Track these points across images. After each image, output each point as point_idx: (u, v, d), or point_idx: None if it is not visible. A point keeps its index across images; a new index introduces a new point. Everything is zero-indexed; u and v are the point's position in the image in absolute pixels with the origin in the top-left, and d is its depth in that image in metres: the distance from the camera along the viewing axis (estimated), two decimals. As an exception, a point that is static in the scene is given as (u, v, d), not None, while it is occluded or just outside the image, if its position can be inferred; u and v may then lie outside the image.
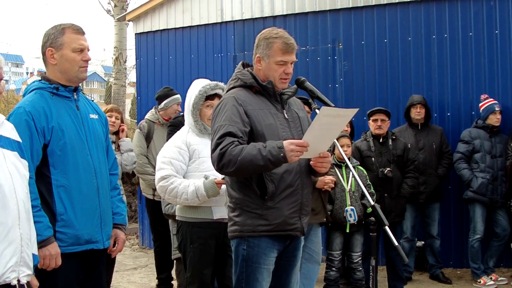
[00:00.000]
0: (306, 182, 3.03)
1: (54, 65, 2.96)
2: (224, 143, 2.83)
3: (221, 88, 3.79)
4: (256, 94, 3.04)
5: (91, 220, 2.95)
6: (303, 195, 3.00)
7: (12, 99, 13.87)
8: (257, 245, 2.94)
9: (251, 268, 2.95)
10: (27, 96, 2.95)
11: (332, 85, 7.42)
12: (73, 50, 2.94)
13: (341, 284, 5.76)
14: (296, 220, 2.98)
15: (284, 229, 2.95)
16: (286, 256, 3.09)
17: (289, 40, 3.01)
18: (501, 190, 6.18)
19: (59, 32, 2.95)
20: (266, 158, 2.74)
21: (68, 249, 2.86)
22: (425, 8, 7.02)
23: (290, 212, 2.95)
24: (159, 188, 3.76)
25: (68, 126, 2.92)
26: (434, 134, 6.47)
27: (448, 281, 6.35)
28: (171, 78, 8.30)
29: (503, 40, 6.67)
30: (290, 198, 2.95)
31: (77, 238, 2.90)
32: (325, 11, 7.47)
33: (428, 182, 6.30)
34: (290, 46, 2.99)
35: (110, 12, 16.15)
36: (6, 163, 2.40)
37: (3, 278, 2.31)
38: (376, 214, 2.83)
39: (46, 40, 2.97)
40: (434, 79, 6.98)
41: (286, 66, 3.01)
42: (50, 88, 2.93)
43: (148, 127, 5.95)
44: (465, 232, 6.59)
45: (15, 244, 2.36)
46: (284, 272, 3.10)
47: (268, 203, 2.91)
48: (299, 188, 2.97)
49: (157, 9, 8.48)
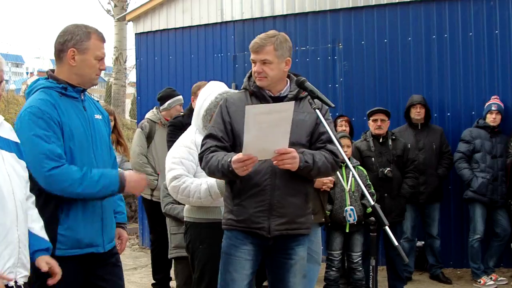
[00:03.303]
0: (281, 184, 3.02)
1: (72, 66, 2.85)
2: (204, 147, 3.09)
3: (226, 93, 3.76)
4: (251, 96, 3.15)
5: (92, 224, 2.90)
6: (274, 196, 3.01)
7: (12, 99, 13.85)
8: (229, 236, 3.12)
9: (224, 258, 3.12)
10: (35, 95, 2.83)
11: (332, 85, 7.42)
12: (96, 57, 2.87)
13: (341, 284, 5.76)
14: (263, 220, 3.01)
15: (249, 226, 3.03)
16: (278, 253, 3.10)
17: (254, 40, 3.11)
18: (501, 190, 6.18)
19: (85, 35, 2.85)
20: (221, 172, 2.95)
21: (67, 252, 2.81)
22: (425, 8, 7.02)
23: (255, 211, 3.01)
24: (171, 189, 3.72)
25: (77, 127, 2.85)
26: (434, 134, 6.47)
27: (448, 281, 6.35)
28: (171, 78, 8.30)
29: (503, 40, 6.67)
30: (256, 197, 3.01)
31: (78, 241, 2.85)
32: (325, 11, 7.46)
33: (428, 182, 6.30)
34: (253, 45, 3.09)
35: (110, 12, 16.18)
36: (4, 164, 2.39)
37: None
38: (376, 214, 2.82)
39: (69, 39, 2.84)
40: (434, 79, 6.98)
41: (255, 65, 3.10)
42: (58, 87, 2.84)
43: (150, 127, 5.95)
44: (465, 232, 6.59)
45: (12, 245, 2.35)
46: (280, 269, 3.10)
47: (235, 199, 3.07)
48: (268, 189, 3.00)
49: (157, 9, 8.48)
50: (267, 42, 3.07)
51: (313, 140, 3.10)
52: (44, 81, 2.87)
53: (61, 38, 2.87)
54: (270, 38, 3.09)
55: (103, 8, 16.54)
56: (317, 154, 3.01)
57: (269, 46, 3.06)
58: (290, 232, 3.06)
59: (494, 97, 6.43)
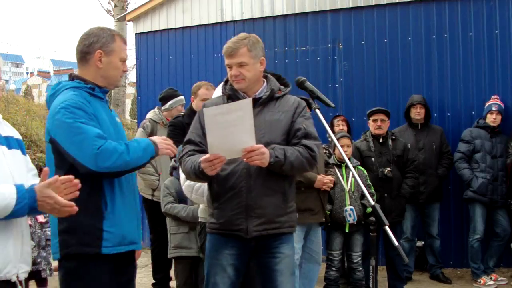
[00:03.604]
0: (256, 185, 3.02)
1: (99, 68, 2.86)
2: (183, 152, 3.16)
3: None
4: (228, 100, 3.15)
5: (132, 220, 2.88)
6: (250, 197, 3.01)
7: (12, 99, 13.87)
8: (210, 240, 3.16)
9: (207, 262, 3.16)
10: (64, 93, 2.79)
11: (332, 85, 7.42)
12: (120, 59, 2.90)
13: (341, 284, 5.76)
14: (241, 222, 3.02)
15: (229, 228, 3.05)
16: (262, 253, 3.10)
17: (226, 45, 3.17)
18: (501, 190, 6.18)
19: (110, 38, 2.87)
20: (194, 173, 3.01)
21: (113, 250, 2.74)
22: (425, 8, 7.03)
23: (233, 214, 3.03)
24: (185, 188, 3.73)
25: (107, 126, 2.85)
26: (434, 134, 6.47)
27: (448, 281, 6.35)
28: (171, 78, 8.31)
29: (503, 40, 6.67)
30: (233, 200, 3.02)
31: (123, 238, 2.79)
32: (325, 11, 7.47)
33: (428, 182, 6.31)
34: (227, 50, 3.14)
35: (110, 12, 16.18)
36: (6, 159, 2.42)
37: (3, 273, 2.33)
38: (376, 214, 2.83)
39: (95, 41, 2.86)
40: (434, 79, 6.98)
41: (231, 69, 3.12)
42: (86, 87, 2.83)
43: (151, 127, 5.96)
44: (465, 232, 6.59)
45: (17, 240, 2.38)
46: (266, 269, 3.10)
47: (215, 203, 3.10)
48: (243, 191, 3.01)
49: (157, 9, 8.48)
50: (240, 44, 3.11)
51: (289, 138, 3.09)
52: (70, 82, 2.86)
53: (86, 41, 2.87)
54: (242, 41, 3.13)
55: (103, 8, 16.56)
56: (289, 149, 2.99)
57: (242, 48, 3.10)
58: (270, 232, 3.05)
59: (494, 97, 6.44)
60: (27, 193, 2.30)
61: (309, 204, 4.77)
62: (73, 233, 2.70)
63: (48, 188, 2.33)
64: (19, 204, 2.28)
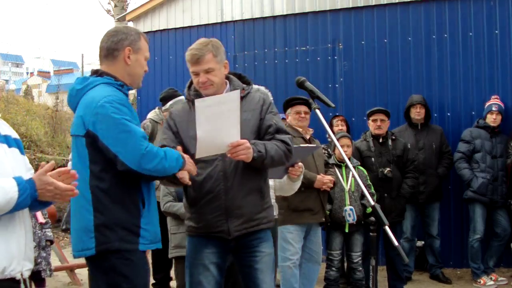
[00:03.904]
0: (233, 186, 3.04)
1: (127, 65, 2.86)
2: None
3: (262, 93, 3.74)
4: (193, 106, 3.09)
5: (157, 218, 2.91)
6: (228, 199, 3.03)
7: (12, 99, 13.87)
8: (191, 241, 3.19)
9: (188, 262, 3.18)
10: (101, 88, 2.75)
11: (332, 85, 7.43)
12: (145, 58, 2.93)
13: (341, 284, 5.76)
14: (222, 224, 3.04)
15: (209, 231, 3.07)
16: (242, 252, 3.13)
17: (190, 52, 3.11)
18: (502, 190, 6.18)
19: (137, 36, 2.90)
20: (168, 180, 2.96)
21: (148, 247, 2.78)
22: (425, 8, 7.03)
23: (213, 217, 3.04)
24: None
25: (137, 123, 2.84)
26: (434, 134, 6.47)
27: (448, 281, 6.35)
28: (171, 78, 8.31)
29: (503, 40, 6.68)
30: (212, 203, 3.04)
31: (155, 235, 2.83)
32: (325, 11, 7.48)
33: (428, 182, 6.31)
34: (192, 57, 3.10)
35: (110, 12, 16.17)
36: (7, 158, 2.43)
37: (8, 271, 2.33)
38: (376, 214, 2.83)
39: (123, 38, 2.85)
40: (434, 79, 6.98)
41: (197, 76, 3.10)
42: (116, 84, 2.81)
43: (152, 127, 5.95)
44: (465, 232, 6.59)
45: (20, 237, 2.39)
46: (247, 267, 3.14)
47: (192, 208, 3.13)
48: (221, 193, 3.03)
49: (157, 9, 8.49)
50: (205, 51, 3.09)
51: (260, 136, 3.11)
52: (100, 78, 2.81)
53: (114, 37, 2.85)
54: (206, 46, 3.11)
55: (103, 8, 16.56)
56: (268, 144, 3.03)
57: (208, 54, 3.09)
58: (250, 229, 3.09)
59: (494, 97, 6.44)
60: (27, 183, 2.30)
61: (309, 204, 4.77)
62: (113, 229, 2.67)
63: (46, 175, 2.32)
64: (21, 196, 2.28)
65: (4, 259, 2.33)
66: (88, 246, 2.68)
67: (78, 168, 2.66)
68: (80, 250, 2.72)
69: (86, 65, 35.48)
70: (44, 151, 11.90)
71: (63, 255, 6.87)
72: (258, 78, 7.04)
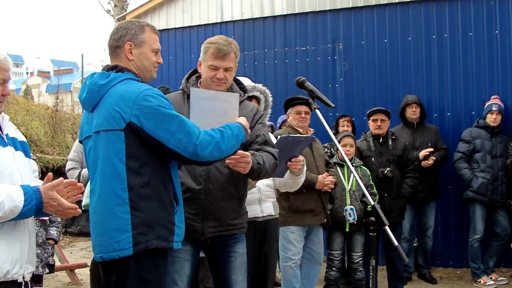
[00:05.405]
0: (215, 189, 3.03)
1: (130, 60, 2.77)
2: None
3: (259, 91, 3.75)
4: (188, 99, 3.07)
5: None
6: (208, 200, 3.04)
7: (12, 99, 13.84)
8: None
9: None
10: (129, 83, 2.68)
11: (332, 85, 7.43)
12: (152, 50, 2.81)
13: (341, 284, 5.76)
14: (197, 223, 3.04)
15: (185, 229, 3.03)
16: (217, 252, 3.16)
17: (218, 46, 3.07)
18: (501, 190, 6.18)
19: (139, 29, 2.79)
20: None
21: (179, 245, 2.73)
22: (425, 8, 7.03)
23: (190, 215, 3.01)
24: None
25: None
26: (429, 132, 6.50)
27: (434, 281, 6.37)
28: (171, 78, 8.30)
29: (503, 40, 6.68)
30: (191, 201, 3.02)
31: (183, 232, 2.78)
32: (325, 11, 7.48)
33: (425, 181, 6.30)
34: (220, 52, 3.05)
35: (110, 12, 16.16)
36: (15, 161, 2.45)
37: (11, 274, 2.36)
38: (376, 214, 2.83)
39: (124, 34, 2.78)
40: (434, 79, 6.98)
41: (215, 70, 3.07)
42: (135, 79, 2.76)
43: None
44: (465, 232, 6.59)
45: (24, 241, 2.41)
46: (221, 267, 3.16)
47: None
48: (202, 193, 3.03)
49: (157, 9, 8.49)
50: (230, 49, 3.08)
51: (247, 143, 3.06)
52: (123, 74, 2.73)
53: (115, 35, 2.81)
54: (231, 45, 3.10)
55: (103, 8, 16.53)
56: (264, 156, 3.03)
57: (232, 54, 3.08)
58: (223, 233, 3.11)
59: (494, 97, 6.44)
60: (34, 194, 2.33)
61: (310, 205, 4.76)
62: (152, 227, 2.58)
63: (52, 190, 2.35)
64: (27, 205, 2.31)
65: (7, 263, 2.35)
66: (124, 246, 2.54)
67: (110, 164, 2.58)
68: (113, 251, 2.56)
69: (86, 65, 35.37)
70: (44, 151, 11.89)
71: (63, 255, 6.86)
72: (258, 78, 7.03)
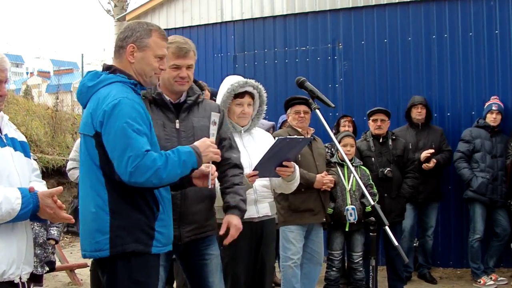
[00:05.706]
0: (189, 193, 3.03)
1: (130, 63, 2.72)
2: None
3: (251, 86, 3.73)
4: (151, 105, 3.04)
5: (171, 219, 2.84)
6: (184, 205, 3.04)
7: (12, 99, 13.83)
8: None
9: None
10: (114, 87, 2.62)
11: (332, 85, 7.43)
12: (155, 56, 2.74)
13: (341, 284, 5.76)
14: (174, 229, 2.97)
15: None
16: (191, 256, 3.16)
17: (178, 45, 3.07)
18: (501, 190, 6.18)
19: (145, 32, 2.72)
20: None
21: (161, 250, 2.73)
22: (425, 8, 7.03)
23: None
24: None
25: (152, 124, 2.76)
26: (434, 134, 6.48)
27: (434, 281, 6.37)
28: (171, 78, 8.30)
29: (503, 40, 6.67)
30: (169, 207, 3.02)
31: (169, 238, 2.77)
32: (325, 11, 7.47)
33: (427, 182, 6.30)
34: (181, 50, 3.05)
35: (110, 12, 16.16)
36: (13, 161, 2.45)
37: (7, 275, 2.36)
38: (376, 214, 2.83)
39: (129, 35, 2.73)
40: (434, 79, 6.98)
41: (177, 70, 3.05)
42: (129, 83, 2.69)
43: None
44: (465, 232, 6.59)
45: (21, 242, 2.41)
46: (197, 270, 3.17)
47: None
48: (178, 198, 3.02)
49: (157, 9, 8.48)
50: (190, 47, 3.08)
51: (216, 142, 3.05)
52: (113, 76, 2.68)
53: (121, 35, 2.77)
54: (189, 43, 3.11)
55: (103, 8, 16.54)
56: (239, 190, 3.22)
57: (191, 51, 3.09)
58: (198, 236, 3.12)
59: (494, 97, 6.44)
60: (31, 198, 2.35)
61: (309, 205, 4.76)
62: (130, 230, 2.59)
63: (50, 198, 2.39)
64: (23, 209, 2.33)
65: (4, 263, 2.36)
66: (102, 247, 2.58)
67: (90, 166, 2.59)
68: (93, 250, 2.62)
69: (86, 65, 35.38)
70: (44, 151, 11.88)
71: (63, 255, 6.86)
72: (258, 78, 6.99)
